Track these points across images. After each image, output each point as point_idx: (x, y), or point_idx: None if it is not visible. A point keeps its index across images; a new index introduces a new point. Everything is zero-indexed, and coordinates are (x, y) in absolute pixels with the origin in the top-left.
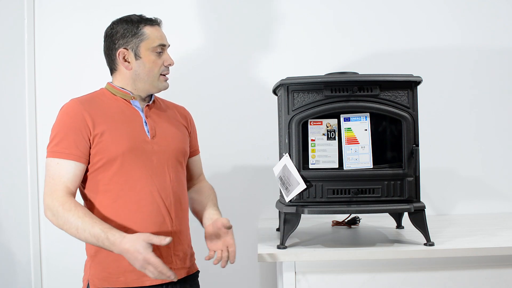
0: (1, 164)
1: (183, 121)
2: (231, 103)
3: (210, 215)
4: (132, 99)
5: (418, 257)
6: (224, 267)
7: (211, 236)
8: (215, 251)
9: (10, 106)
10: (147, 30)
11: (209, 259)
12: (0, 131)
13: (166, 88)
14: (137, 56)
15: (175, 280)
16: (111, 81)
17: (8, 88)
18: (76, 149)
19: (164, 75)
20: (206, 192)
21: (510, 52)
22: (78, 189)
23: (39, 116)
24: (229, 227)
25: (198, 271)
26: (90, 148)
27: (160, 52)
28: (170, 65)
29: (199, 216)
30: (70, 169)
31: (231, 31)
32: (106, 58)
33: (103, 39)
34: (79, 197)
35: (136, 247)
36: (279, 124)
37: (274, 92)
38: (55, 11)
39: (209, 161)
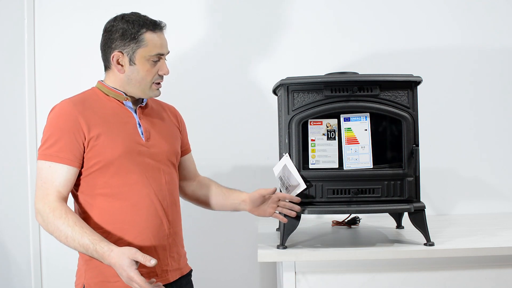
0: (1, 164)
1: (174, 121)
2: (231, 103)
3: (236, 195)
4: (126, 100)
5: (418, 257)
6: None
7: (259, 210)
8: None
9: (10, 106)
10: (148, 36)
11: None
12: (0, 131)
13: (156, 96)
14: (131, 61)
15: None
16: (103, 78)
17: (8, 88)
18: (69, 152)
19: (158, 83)
20: (210, 184)
21: (510, 52)
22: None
23: (39, 116)
24: (273, 192)
25: (191, 270)
26: (84, 151)
27: (156, 61)
28: (164, 74)
29: (219, 205)
30: (63, 173)
31: (231, 32)
32: (101, 53)
33: (102, 32)
34: (71, 200)
35: (120, 263)
36: (279, 124)
37: (274, 92)
38: (55, 11)
39: (209, 162)
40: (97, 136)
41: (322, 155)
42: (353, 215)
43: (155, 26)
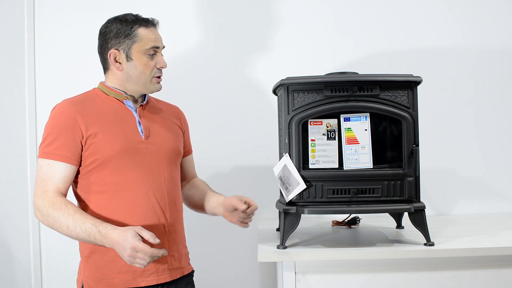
0: (1, 164)
1: (177, 121)
2: (231, 103)
3: (215, 199)
4: (126, 99)
5: (418, 257)
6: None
7: (230, 217)
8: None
9: (10, 106)
10: (141, 31)
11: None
12: (0, 131)
13: (158, 90)
14: (128, 57)
15: (166, 254)
16: (104, 80)
17: (8, 88)
18: (67, 151)
19: (158, 77)
20: (200, 184)
21: (510, 52)
22: (70, 189)
23: (39, 116)
24: (244, 209)
25: (193, 271)
26: (82, 150)
27: (153, 54)
28: (162, 67)
29: (202, 206)
30: (61, 171)
31: (231, 32)
32: (99, 56)
33: (97, 36)
34: (72, 198)
35: (124, 236)
36: (279, 124)
37: (274, 92)
38: (55, 11)
39: (209, 161)
40: (94, 134)
41: (322, 155)
42: (353, 215)
43: (147, 22)
